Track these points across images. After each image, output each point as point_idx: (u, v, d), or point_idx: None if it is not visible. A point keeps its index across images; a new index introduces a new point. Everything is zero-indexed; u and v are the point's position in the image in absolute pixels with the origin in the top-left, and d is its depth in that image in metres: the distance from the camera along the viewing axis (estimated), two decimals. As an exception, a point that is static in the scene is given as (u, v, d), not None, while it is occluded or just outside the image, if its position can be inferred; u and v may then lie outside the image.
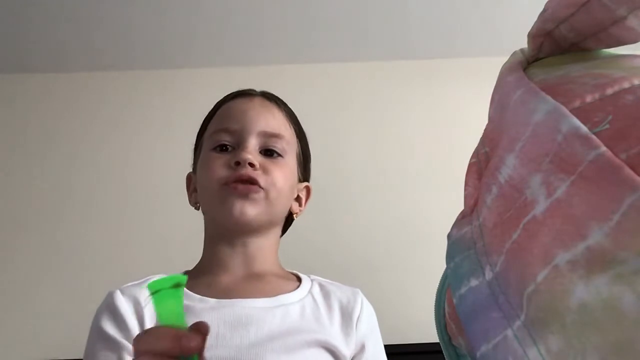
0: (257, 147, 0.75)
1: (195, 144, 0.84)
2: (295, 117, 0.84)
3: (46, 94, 1.56)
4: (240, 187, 0.71)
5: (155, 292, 0.43)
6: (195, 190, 0.81)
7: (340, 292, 0.77)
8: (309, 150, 0.86)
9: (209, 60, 1.56)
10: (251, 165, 0.72)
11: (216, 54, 1.54)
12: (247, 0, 1.38)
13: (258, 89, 0.85)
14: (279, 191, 0.74)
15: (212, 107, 0.84)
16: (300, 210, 0.83)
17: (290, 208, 0.80)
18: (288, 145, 0.78)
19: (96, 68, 1.56)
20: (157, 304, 0.44)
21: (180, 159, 0.87)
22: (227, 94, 0.85)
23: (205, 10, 1.39)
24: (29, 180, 1.47)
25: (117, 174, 1.48)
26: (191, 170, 0.84)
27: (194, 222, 0.83)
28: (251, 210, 0.72)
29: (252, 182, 0.72)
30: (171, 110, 1.53)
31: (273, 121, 0.78)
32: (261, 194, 0.72)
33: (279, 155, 0.76)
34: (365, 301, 0.77)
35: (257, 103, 0.80)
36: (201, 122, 0.85)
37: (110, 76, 1.57)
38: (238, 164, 0.72)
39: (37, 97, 1.56)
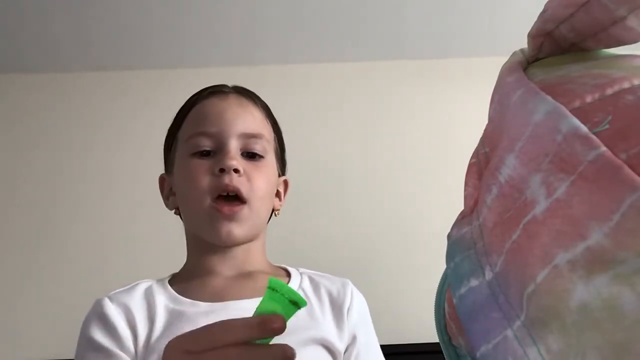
0: (238, 150, 0.74)
1: (167, 143, 0.82)
2: (270, 111, 0.82)
3: (41, 94, 1.56)
4: (226, 209, 0.71)
5: (274, 289, 0.42)
6: (172, 193, 0.79)
7: (329, 283, 0.76)
8: (284, 142, 0.84)
9: (206, 60, 1.56)
10: (236, 171, 0.71)
11: (212, 54, 1.54)
12: (245, 0, 1.38)
13: (255, 89, 0.84)
14: (262, 198, 0.74)
15: (184, 104, 0.82)
16: (280, 206, 0.82)
17: (272, 205, 0.80)
18: (268, 143, 0.77)
19: (92, 68, 1.56)
20: (267, 302, 0.42)
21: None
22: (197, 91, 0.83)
23: (202, 9, 1.39)
24: (24, 179, 1.47)
25: (114, 174, 1.47)
26: (164, 171, 0.82)
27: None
28: (238, 231, 0.71)
29: (237, 193, 0.71)
30: (169, 110, 1.53)
31: (252, 121, 0.77)
32: (245, 212, 0.72)
33: (261, 156, 0.76)
34: (356, 291, 0.77)
35: (233, 102, 0.78)
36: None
37: (106, 76, 1.57)
38: (222, 170, 0.71)
39: (33, 97, 1.56)
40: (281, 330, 0.41)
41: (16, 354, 1.28)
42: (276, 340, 0.65)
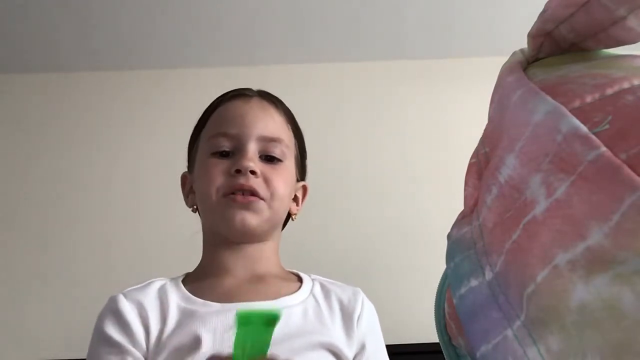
0: (256, 153, 0.75)
1: (191, 143, 0.83)
2: (293, 116, 0.83)
3: (42, 94, 1.56)
4: (240, 198, 0.71)
5: (243, 323, 0.41)
6: (191, 191, 0.80)
7: (340, 291, 0.76)
8: (305, 149, 0.85)
9: (206, 60, 1.56)
10: (252, 172, 0.72)
11: (213, 54, 1.54)
12: (245, 0, 1.38)
13: (255, 88, 0.85)
14: (280, 199, 0.74)
15: (208, 105, 0.83)
16: (297, 210, 0.83)
17: (289, 209, 0.80)
18: (287, 148, 0.78)
19: (93, 68, 1.56)
20: (241, 339, 0.41)
21: (178, 159, 0.87)
22: (223, 93, 0.84)
23: (203, 10, 1.39)
24: (26, 179, 1.47)
25: (115, 173, 1.47)
26: (186, 169, 0.84)
27: (196, 222, 0.83)
28: (252, 220, 0.72)
29: (253, 192, 0.72)
30: (169, 110, 1.53)
31: (272, 124, 0.77)
32: (262, 204, 0.72)
33: (279, 160, 0.76)
34: (366, 300, 0.77)
35: (255, 105, 0.79)
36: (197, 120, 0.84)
37: (106, 76, 1.57)
38: (239, 171, 0.72)
39: (33, 97, 1.56)
40: None
41: (19, 354, 1.28)
42: (287, 341, 0.66)
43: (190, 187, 0.80)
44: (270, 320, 0.43)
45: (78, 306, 1.26)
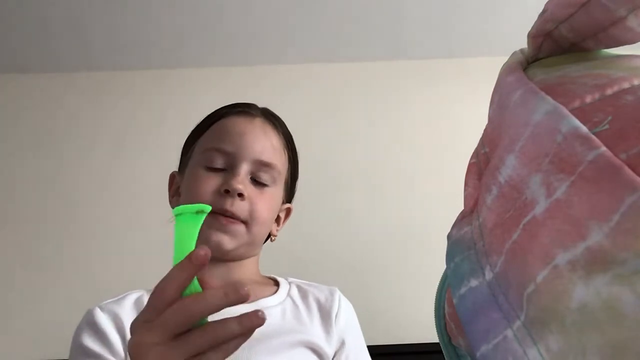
0: (248, 174, 0.76)
1: (187, 145, 0.83)
2: (292, 140, 0.84)
3: (41, 94, 1.56)
4: (223, 220, 0.72)
5: (178, 214, 0.47)
6: (177, 193, 0.81)
7: (317, 291, 0.78)
8: (297, 172, 0.86)
9: (205, 60, 1.56)
10: (240, 195, 0.73)
11: (213, 54, 1.54)
12: (245, 0, 1.38)
13: (253, 89, 0.84)
14: (262, 224, 0.76)
15: (212, 113, 0.83)
16: (277, 231, 0.83)
17: (270, 230, 0.81)
18: (279, 174, 0.79)
19: (92, 68, 1.56)
20: (178, 226, 0.47)
21: (175, 160, 0.87)
22: (227, 102, 0.84)
23: (202, 10, 1.39)
24: (26, 180, 1.47)
25: (113, 174, 1.47)
26: (177, 170, 0.84)
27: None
28: (229, 243, 0.73)
29: (234, 216, 0.73)
30: (167, 111, 1.53)
31: (269, 149, 0.78)
32: (242, 228, 0.73)
33: (268, 185, 0.77)
34: (343, 298, 0.79)
35: (257, 126, 0.79)
36: (195, 123, 0.84)
37: (106, 76, 1.57)
38: (227, 192, 0.72)
39: (33, 97, 1.56)
40: (208, 255, 0.43)
41: (19, 354, 1.28)
42: (266, 340, 0.66)
43: (176, 189, 0.81)
44: (201, 209, 0.47)
45: (78, 306, 1.26)
